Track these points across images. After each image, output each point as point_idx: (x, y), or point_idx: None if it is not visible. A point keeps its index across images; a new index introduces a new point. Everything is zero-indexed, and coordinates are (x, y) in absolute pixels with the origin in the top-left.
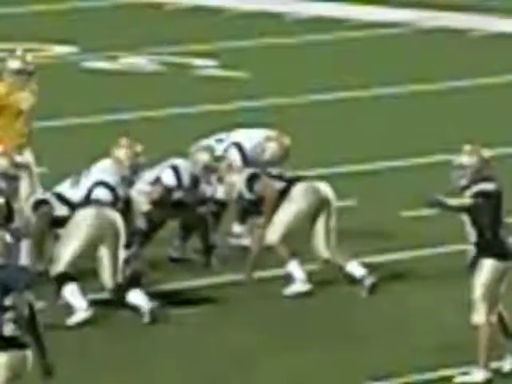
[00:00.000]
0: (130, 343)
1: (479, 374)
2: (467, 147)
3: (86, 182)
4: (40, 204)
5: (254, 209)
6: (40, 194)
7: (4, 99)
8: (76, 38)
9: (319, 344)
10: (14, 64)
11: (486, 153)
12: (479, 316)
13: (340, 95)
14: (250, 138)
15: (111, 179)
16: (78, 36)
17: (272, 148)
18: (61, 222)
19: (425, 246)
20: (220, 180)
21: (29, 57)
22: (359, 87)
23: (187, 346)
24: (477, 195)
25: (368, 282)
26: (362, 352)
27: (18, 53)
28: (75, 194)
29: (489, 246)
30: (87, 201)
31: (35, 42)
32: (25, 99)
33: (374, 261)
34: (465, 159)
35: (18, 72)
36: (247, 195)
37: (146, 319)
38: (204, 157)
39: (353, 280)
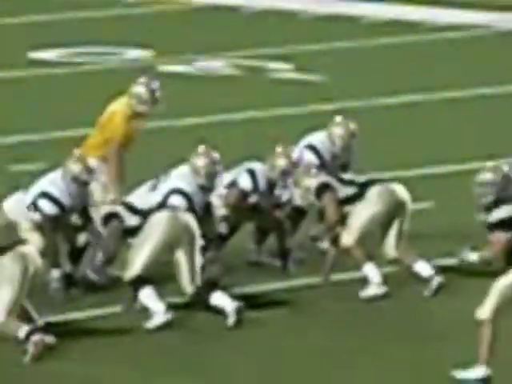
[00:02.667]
0: (208, 346)
1: (480, 371)
2: (490, 164)
3: (163, 188)
4: (110, 217)
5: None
6: (109, 207)
7: (122, 129)
8: (152, 42)
9: (395, 346)
10: (143, 93)
11: (506, 168)
12: (484, 311)
13: (416, 97)
14: (321, 138)
15: (188, 187)
16: (154, 40)
17: (340, 135)
18: (132, 232)
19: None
20: (296, 184)
21: (156, 84)
22: (435, 89)
23: (264, 349)
24: None
25: (435, 282)
26: (439, 353)
27: (142, 80)
28: (150, 200)
29: None
30: (162, 207)
31: (111, 46)
32: (140, 126)
33: (449, 263)
34: (488, 176)
35: (145, 101)
36: (316, 203)
37: (232, 319)
38: (281, 161)
39: (420, 279)
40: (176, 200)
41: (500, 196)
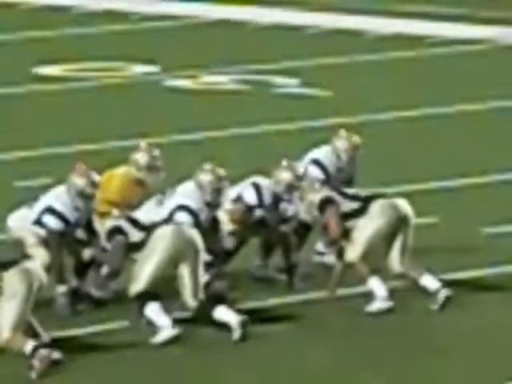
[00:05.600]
0: (214, 360)
1: None
2: None
3: (169, 204)
4: (114, 232)
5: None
6: (114, 221)
7: (116, 196)
8: (157, 57)
9: (401, 361)
10: (142, 159)
11: None
12: None
13: (421, 112)
14: (326, 153)
15: (194, 204)
16: (159, 55)
17: (344, 148)
18: (136, 247)
19: (507, 263)
20: (302, 199)
21: (156, 152)
22: (440, 104)
23: (269, 364)
24: None
25: (442, 295)
26: (446, 368)
27: (143, 145)
28: (155, 215)
29: None
30: (167, 223)
31: (116, 61)
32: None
33: (455, 277)
34: None
35: (144, 168)
36: (319, 218)
37: (237, 333)
38: (286, 175)
39: (427, 293)
40: (182, 216)
41: None
